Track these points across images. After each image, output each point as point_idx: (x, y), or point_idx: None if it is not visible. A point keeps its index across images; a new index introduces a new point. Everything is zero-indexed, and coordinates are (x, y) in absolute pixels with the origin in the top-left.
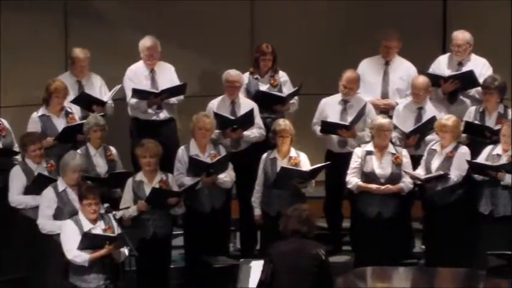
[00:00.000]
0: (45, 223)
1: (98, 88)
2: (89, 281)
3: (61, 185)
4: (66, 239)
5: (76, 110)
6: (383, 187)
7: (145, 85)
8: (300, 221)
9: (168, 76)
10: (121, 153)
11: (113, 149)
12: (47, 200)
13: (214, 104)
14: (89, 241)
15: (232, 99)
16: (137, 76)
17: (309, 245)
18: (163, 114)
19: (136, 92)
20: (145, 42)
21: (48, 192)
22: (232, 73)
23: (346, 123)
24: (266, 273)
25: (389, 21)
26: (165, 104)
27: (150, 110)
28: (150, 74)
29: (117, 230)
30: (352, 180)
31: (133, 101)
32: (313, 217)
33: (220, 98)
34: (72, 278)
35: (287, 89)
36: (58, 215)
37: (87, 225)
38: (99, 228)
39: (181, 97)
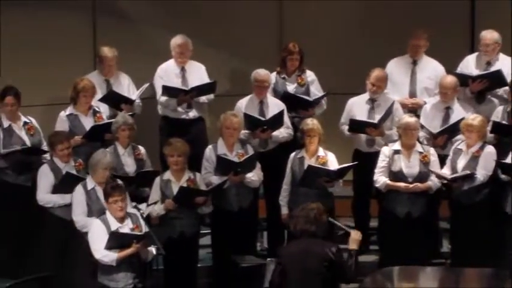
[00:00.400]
0: (82, 219)
1: (126, 87)
2: (117, 280)
3: (90, 183)
4: (94, 239)
5: (104, 109)
6: (411, 185)
7: (175, 83)
8: (307, 220)
9: (198, 75)
10: (150, 152)
11: (141, 149)
12: (78, 198)
13: (242, 104)
14: (116, 240)
15: (260, 99)
16: (168, 74)
17: (317, 245)
18: (193, 113)
19: (166, 89)
20: (177, 40)
21: (78, 190)
22: (261, 73)
23: (375, 122)
24: (275, 274)
25: (417, 21)
26: (195, 103)
27: (179, 109)
28: (180, 72)
29: (145, 229)
30: (380, 179)
31: (163, 98)
32: (322, 216)
33: (248, 97)
34: (100, 277)
35: (314, 88)
36: (87, 213)
37: (114, 225)
38: (126, 227)
39: (212, 96)
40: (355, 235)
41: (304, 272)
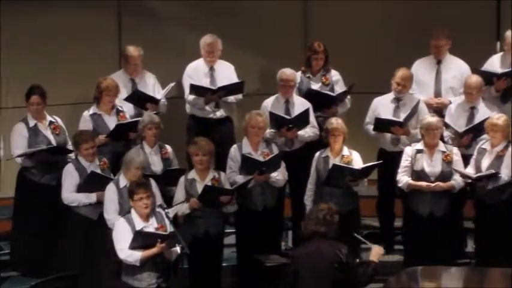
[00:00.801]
0: (114, 218)
1: (151, 86)
2: (140, 280)
3: (122, 181)
4: (118, 238)
5: (127, 109)
6: (433, 185)
7: (204, 82)
8: (317, 222)
9: (227, 74)
10: (178, 152)
11: (168, 148)
12: (110, 196)
13: (268, 103)
14: (140, 240)
15: (286, 98)
16: (197, 73)
17: (327, 246)
18: (220, 113)
19: (194, 88)
20: (206, 39)
21: (110, 188)
22: (286, 72)
23: (400, 120)
24: (288, 276)
25: (443, 21)
26: (223, 103)
27: (207, 108)
28: (209, 71)
29: (170, 228)
30: (403, 178)
31: (191, 97)
32: (333, 216)
33: (274, 97)
34: (124, 276)
35: (339, 88)
36: (119, 211)
37: (139, 224)
38: (151, 227)
39: (240, 96)
40: (379, 249)
41: (315, 273)
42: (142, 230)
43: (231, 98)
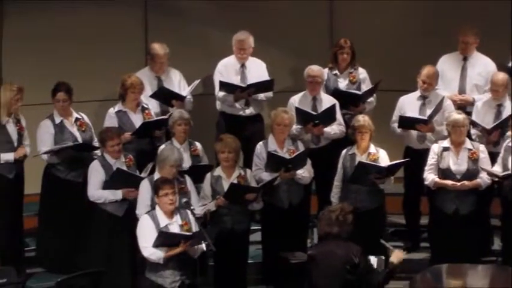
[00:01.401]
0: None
1: (177, 83)
2: (164, 277)
3: (157, 178)
4: (142, 235)
5: (153, 106)
6: (459, 184)
7: (234, 80)
8: (329, 223)
9: (258, 72)
10: (208, 149)
11: (198, 145)
12: (143, 194)
13: (295, 100)
14: (164, 239)
15: (313, 95)
16: (227, 70)
17: (341, 247)
18: (250, 110)
19: (223, 85)
20: (239, 35)
21: (144, 184)
22: (314, 68)
23: (424, 118)
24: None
25: (469, 18)
26: (253, 100)
27: (237, 105)
28: (240, 68)
29: (194, 225)
30: (429, 176)
31: (221, 94)
32: (346, 217)
33: (301, 93)
34: (148, 273)
35: (366, 86)
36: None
37: (163, 221)
38: (175, 224)
39: (270, 94)
40: (400, 253)
41: (328, 274)
42: (167, 228)
43: (261, 96)
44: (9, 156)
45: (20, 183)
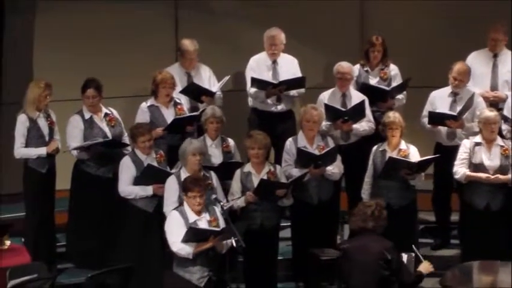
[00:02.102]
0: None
1: (207, 79)
2: (192, 272)
3: (183, 174)
4: (171, 230)
5: (184, 101)
6: (493, 177)
7: (266, 76)
8: (364, 218)
9: (290, 68)
10: (240, 145)
11: (230, 141)
12: (170, 190)
13: (325, 96)
14: (193, 235)
15: (343, 92)
16: (259, 66)
17: (374, 243)
18: (281, 107)
19: (255, 81)
20: (270, 31)
21: (171, 180)
22: (343, 65)
23: (454, 114)
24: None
25: (498, 14)
26: (285, 96)
27: (269, 101)
28: (272, 65)
29: (222, 221)
30: (460, 170)
31: (253, 90)
32: (381, 212)
33: (331, 90)
34: (176, 268)
35: (396, 83)
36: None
37: (192, 217)
38: (204, 220)
39: (302, 90)
40: (428, 265)
41: (361, 269)
42: (196, 224)
43: (293, 92)
44: (41, 151)
45: (52, 178)
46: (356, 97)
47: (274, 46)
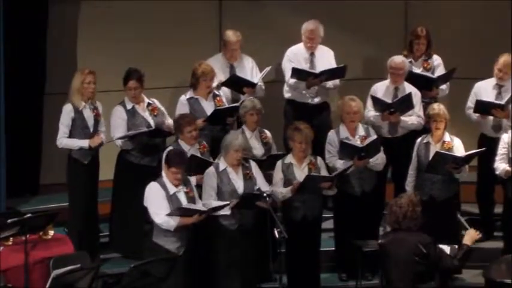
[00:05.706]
0: (210, 203)
1: (250, 70)
2: (172, 241)
3: (222, 164)
4: (152, 201)
5: (224, 93)
6: None
7: (303, 67)
8: (396, 220)
9: (327, 60)
10: (274, 136)
11: (267, 132)
12: (209, 180)
13: (377, 87)
14: (181, 213)
15: (396, 86)
16: (297, 58)
17: (410, 237)
18: (317, 99)
19: (296, 72)
20: (308, 25)
21: (210, 171)
22: (396, 60)
23: (502, 103)
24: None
25: None
26: (320, 88)
27: (306, 94)
28: (309, 57)
29: (196, 193)
30: (500, 165)
31: (292, 81)
32: (414, 210)
33: (383, 82)
34: (155, 237)
35: (440, 73)
36: (218, 195)
37: (172, 189)
38: (182, 192)
39: (338, 82)
40: (474, 233)
41: (398, 263)
42: (176, 198)
43: (329, 84)
44: (84, 143)
45: (95, 169)
46: (408, 90)
47: (312, 40)
